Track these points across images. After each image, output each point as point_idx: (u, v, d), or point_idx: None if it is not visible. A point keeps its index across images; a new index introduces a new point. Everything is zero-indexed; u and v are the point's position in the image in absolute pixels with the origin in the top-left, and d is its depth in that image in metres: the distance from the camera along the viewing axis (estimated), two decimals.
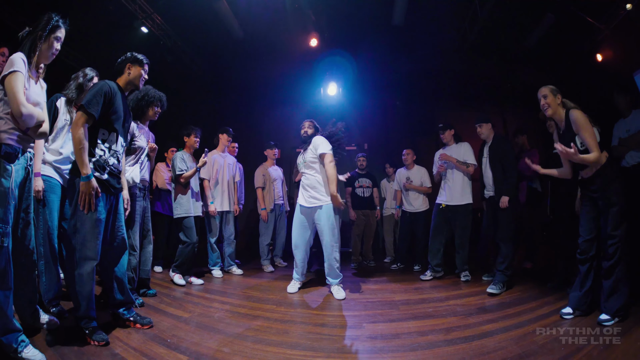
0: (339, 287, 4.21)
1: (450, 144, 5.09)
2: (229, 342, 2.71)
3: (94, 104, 2.56)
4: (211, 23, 7.10)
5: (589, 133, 3.00)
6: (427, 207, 5.89)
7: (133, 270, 3.63)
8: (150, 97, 3.76)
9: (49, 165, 3.10)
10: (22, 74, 2.25)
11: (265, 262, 5.90)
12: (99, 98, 2.59)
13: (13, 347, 2.17)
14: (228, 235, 5.47)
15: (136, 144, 3.70)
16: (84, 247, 2.57)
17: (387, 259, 6.78)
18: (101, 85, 2.66)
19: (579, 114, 3.05)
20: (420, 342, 2.73)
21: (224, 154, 5.60)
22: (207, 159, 5.11)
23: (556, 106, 3.22)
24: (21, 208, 2.44)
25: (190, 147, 4.89)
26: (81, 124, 2.51)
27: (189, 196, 4.71)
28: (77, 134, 2.49)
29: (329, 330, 3.04)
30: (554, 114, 3.25)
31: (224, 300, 3.98)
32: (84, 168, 2.50)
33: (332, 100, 8.75)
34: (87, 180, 2.51)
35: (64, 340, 2.58)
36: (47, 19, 2.44)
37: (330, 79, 8.68)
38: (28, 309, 2.59)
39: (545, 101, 3.25)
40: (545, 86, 3.28)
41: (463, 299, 4.00)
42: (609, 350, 2.50)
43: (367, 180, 6.38)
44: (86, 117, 2.53)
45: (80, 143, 2.49)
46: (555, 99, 3.22)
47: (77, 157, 2.52)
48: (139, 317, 2.99)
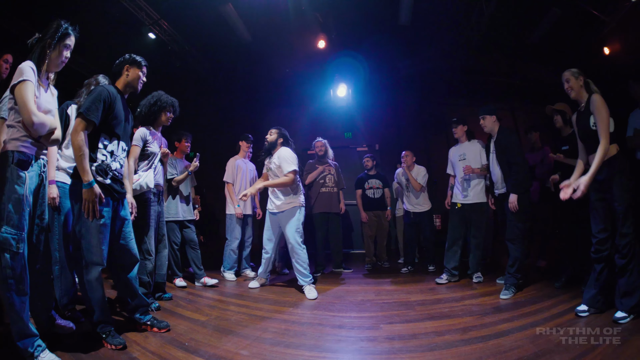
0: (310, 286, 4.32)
1: (462, 140, 5.01)
2: (247, 345, 2.69)
3: (93, 110, 2.52)
4: (218, 27, 7.11)
5: (603, 117, 3.00)
6: (429, 206, 5.83)
7: (149, 274, 3.62)
8: (163, 102, 3.75)
9: (62, 171, 3.12)
10: (31, 82, 2.24)
11: (279, 265, 5.89)
12: (98, 104, 2.55)
13: (29, 351, 2.17)
14: (246, 238, 5.51)
15: (149, 149, 3.70)
16: (90, 253, 2.55)
17: (400, 260, 6.71)
18: (100, 91, 2.62)
19: (598, 97, 3.07)
20: (438, 342, 2.72)
21: (246, 160, 5.67)
22: (231, 164, 5.30)
23: (579, 88, 3.25)
24: (36, 214, 2.44)
25: (181, 151, 4.97)
26: (80, 130, 2.47)
27: (177, 200, 4.75)
28: (76, 141, 2.45)
29: (346, 331, 3.02)
30: (577, 96, 3.29)
31: (240, 303, 3.97)
32: (85, 175, 2.46)
33: (342, 101, 8.70)
34: (89, 187, 2.47)
35: (81, 345, 2.58)
36: (56, 27, 2.42)
37: (340, 80, 8.60)
38: (44, 314, 2.58)
39: (568, 85, 3.29)
40: (568, 70, 3.30)
41: (478, 298, 3.97)
42: (624, 347, 2.48)
43: (377, 181, 6.34)
44: (85, 124, 2.49)
45: (80, 150, 2.45)
46: (577, 81, 3.24)
47: (78, 164, 2.48)
48: (155, 321, 2.98)
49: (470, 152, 4.84)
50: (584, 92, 3.24)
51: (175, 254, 4.71)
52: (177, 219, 4.72)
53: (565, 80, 3.30)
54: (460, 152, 4.96)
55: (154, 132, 3.82)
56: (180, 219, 4.74)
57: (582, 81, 3.23)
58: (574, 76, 3.25)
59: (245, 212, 5.38)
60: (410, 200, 5.86)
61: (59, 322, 2.71)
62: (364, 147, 8.70)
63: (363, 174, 6.43)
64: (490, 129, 4.40)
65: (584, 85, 3.24)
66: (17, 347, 2.15)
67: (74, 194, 2.59)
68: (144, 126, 3.75)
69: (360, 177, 6.42)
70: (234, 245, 5.27)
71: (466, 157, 4.86)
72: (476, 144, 4.87)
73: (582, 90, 3.24)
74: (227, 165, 5.51)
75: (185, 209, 4.82)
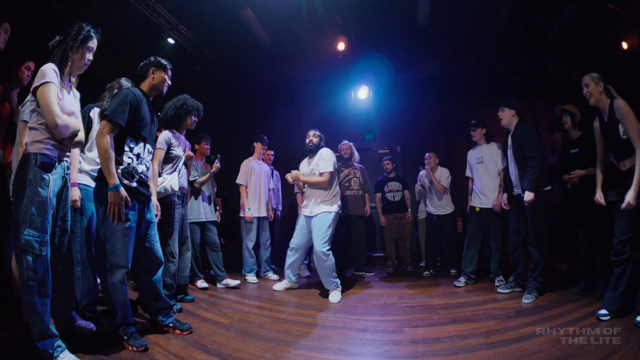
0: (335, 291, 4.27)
1: (481, 143, 4.95)
2: (271, 348, 2.66)
3: (119, 112, 2.52)
4: (237, 31, 7.16)
5: (632, 123, 2.94)
6: (452, 209, 5.74)
7: (172, 276, 3.63)
8: (189, 106, 3.79)
9: (85, 174, 3.13)
10: (54, 84, 2.24)
11: (302, 267, 5.85)
12: (124, 106, 2.56)
13: (49, 352, 2.17)
14: (264, 241, 5.48)
15: (173, 152, 3.72)
16: (114, 256, 2.55)
17: (422, 263, 6.61)
18: (126, 94, 2.63)
19: (623, 102, 3.03)
20: (462, 345, 2.69)
21: (260, 161, 5.67)
22: (244, 166, 5.29)
23: (598, 94, 3.18)
24: (58, 216, 2.45)
25: (201, 154, 4.99)
26: (106, 133, 2.47)
27: (199, 201, 4.77)
28: (102, 144, 2.45)
29: (370, 335, 2.98)
30: (597, 102, 3.21)
31: (263, 306, 3.95)
32: (111, 178, 2.45)
33: (363, 103, 8.64)
34: (115, 190, 2.46)
35: (102, 346, 2.58)
36: (78, 29, 2.42)
37: (361, 83, 8.54)
38: (64, 314, 2.59)
39: (587, 90, 3.22)
40: (588, 74, 3.24)
41: (500, 302, 3.90)
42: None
43: (397, 183, 6.25)
44: (111, 126, 2.49)
45: (107, 153, 2.44)
46: (597, 86, 3.17)
47: (104, 167, 2.47)
48: (178, 323, 2.97)
49: (488, 155, 4.78)
50: (604, 97, 3.17)
51: (196, 255, 4.71)
52: (200, 220, 4.72)
53: (585, 85, 3.24)
54: (479, 155, 4.90)
55: (178, 135, 3.84)
56: (202, 220, 4.74)
57: (602, 87, 3.17)
58: (593, 81, 3.19)
59: (260, 215, 5.37)
60: (433, 203, 5.78)
61: (80, 322, 2.71)
62: (385, 150, 8.63)
63: (382, 176, 6.37)
64: (508, 122, 4.22)
65: (604, 91, 3.17)
66: (37, 347, 2.16)
67: (98, 197, 2.59)
68: (168, 129, 3.77)
69: (380, 180, 6.35)
70: (249, 248, 5.27)
71: (484, 160, 4.80)
72: (494, 146, 4.80)
73: (602, 96, 3.17)
74: (240, 167, 5.51)
75: (208, 210, 4.83)
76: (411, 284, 4.99)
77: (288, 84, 9.21)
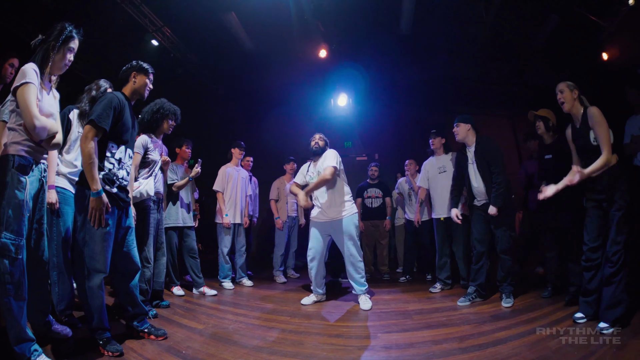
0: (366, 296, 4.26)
1: (439, 152, 5.08)
2: (244, 354, 2.69)
3: (104, 117, 2.52)
4: (221, 35, 7.16)
5: (604, 130, 2.98)
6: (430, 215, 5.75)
7: (147, 282, 3.62)
8: (166, 110, 3.76)
9: (63, 177, 3.11)
10: (34, 85, 2.24)
11: (278, 273, 5.92)
12: (109, 111, 2.56)
13: (26, 356, 2.17)
14: (239, 247, 5.49)
15: (150, 157, 3.69)
16: (93, 260, 2.55)
17: (399, 269, 6.68)
18: (110, 98, 2.63)
19: (596, 110, 3.06)
20: (435, 350, 2.72)
21: (238, 167, 5.67)
22: (221, 173, 5.27)
23: (572, 101, 3.23)
24: (34, 219, 2.43)
25: (182, 157, 4.96)
26: (91, 138, 2.46)
27: (178, 206, 4.74)
28: (86, 149, 2.44)
29: (344, 340, 3.02)
30: (571, 108, 3.26)
31: (238, 312, 3.96)
32: (94, 184, 2.45)
33: (343, 110, 8.76)
34: (97, 196, 2.46)
35: (78, 351, 2.58)
36: (61, 29, 2.42)
37: (341, 90, 8.66)
38: (40, 319, 2.58)
39: (561, 96, 3.27)
40: (563, 82, 3.29)
41: (476, 307, 3.96)
42: (622, 352, 2.49)
43: (377, 190, 6.30)
44: (95, 131, 2.49)
45: (90, 158, 2.44)
46: (572, 93, 3.23)
47: (87, 173, 2.46)
48: (153, 329, 2.97)
49: (449, 165, 4.86)
50: (578, 105, 3.22)
51: (174, 261, 4.68)
52: (177, 225, 4.69)
53: (559, 91, 3.29)
54: (440, 165, 4.99)
55: (155, 139, 3.82)
56: (180, 225, 4.71)
57: (577, 94, 3.22)
58: (568, 88, 3.24)
59: (235, 221, 5.39)
60: (412, 210, 5.85)
61: (56, 327, 2.70)
62: (363, 157, 8.71)
63: (364, 182, 6.41)
64: (463, 137, 4.27)
65: (578, 99, 3.23)
66: (14, 351, 2.15)
67: (79, 202, 2.59)
68: (145, 133, 3.75)
69: (361, 186, 6.40)
70: (224, 253, 5.28)
71: (446, 170, 4.89)
72: (454, 156, 4.82)
73: (576, 103, 3.22)
74: (218, 173, 5.51)
75: (186, 216, 4.81)
76: (386, 290, 5.04)
77: (269, 89, 9.22)
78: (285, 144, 8.51)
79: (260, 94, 9.38)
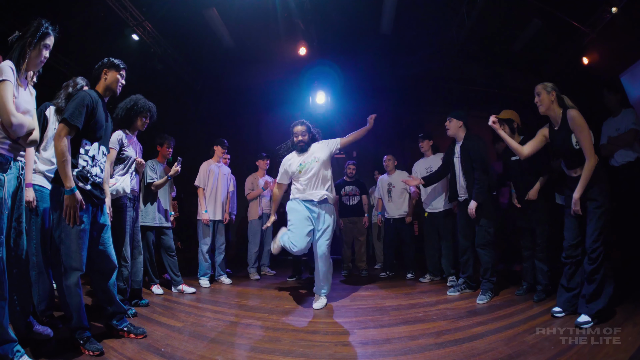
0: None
1: (428, 154, 5.33)
2: (222, 351, 2.72)
3: (76, 115, 2.52)
4: (202, 31, 7.15)
5: (585, 135, 3.02)
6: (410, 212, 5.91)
7: (125, 281, 3.61)
8: (140, 107, 3.68)
9: (40, 174, 3.07)
10: (10, 82, 2.23)
11: (252, 270, 5.96)
12: (81, 109, 2.56)
13: (9, 357, 2.16)
14: (219, 244, 5.51)
15: (125, 153, 3.66)
16: (69, 258, 2.55)
17: (377, 266, 6.79)
18: (83, 96, 2.63)
19: (577, 113, 3.06)
20: (411, 346, 2.76)
21: (220, 164, 5.68)
22: (203, 168, 5.28)
23: (549, 103, 3.24)
24: (13, 217, 2.42)
25: (162, 156, 4.93)
26: (64, 136, 2.47)
27: (155, 205, 4.71)
28: (59, 147, 2.44)
29: (320, 337, 3.06)
30: (547, 110, 3.27)
31: (216, 310, 3.99)
32: (67, 181, 2.46)
33: (321, 108, 8.79)
34: (71, 193, 2.47)
35: (59, 351, 2.58)
36: (37, 26, 2.41)
37: (319, 88, 8.71)
38: (22, 319, 2.57)
39: (538, 98, 3.29)
40: (541, 83, 3.30)
41: (453, 302, 4.04)
42: (599, 347, 2.53)
43: (354, 188, 6.35)
44: (68, 129, 2.49)
45: (63, 156, 2.45)
46: (549, 95, 3.23)
47: (61, 170, 2.47)
48: (132, 327, 2.98)
49: (436, 165, 4.98)
50: (555, 107, 3.22)
51: (152, 260, 4.66)
52: (154, 225, 4.67)
53: (537, 94, 3.30)
54: (427, 165, 5.21)
55: (130, 136, 3.77)
56: (157, 225, 4.69)
57: (554, 96, 3.21)
58: (546, 90, 3.24)
59: (216, 218, 5.41)
60: (390, 207, 5.93)
61: (37, 327, 2.69)
62: (341, 154, 8.74)
63: (341, 180, 6.45)
64: (454, 133, 4.41)
65: (557, 100, 3.22)
66: None
67: (54, 200, 2.58)
68: (120, 129, 3.69)
69: (338, 183, 6.38)
70: (204, 251, 5.29)
71: (432, 170, 5.02)
72: (440, 157, 5.00)
73: (554, 105, 3.22)
74: (199, 169, 5.51)
75: (163, 216, 4.78)
76: (365, 287, 5.11)
77: (247, 86, 9.23)
78: (263, 140, 8.52)
79: (240, 90, 9.37)
